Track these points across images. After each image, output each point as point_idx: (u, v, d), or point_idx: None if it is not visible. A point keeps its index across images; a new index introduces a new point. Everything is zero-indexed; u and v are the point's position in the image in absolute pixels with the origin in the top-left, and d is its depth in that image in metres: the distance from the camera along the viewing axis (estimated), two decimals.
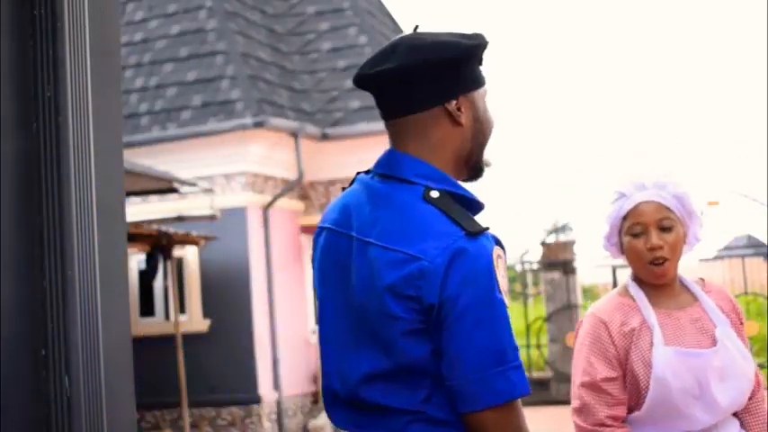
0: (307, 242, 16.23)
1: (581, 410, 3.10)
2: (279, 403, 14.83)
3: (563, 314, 19.66)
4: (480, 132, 2.30)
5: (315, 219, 15.75)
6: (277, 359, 14.81)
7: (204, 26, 15.85)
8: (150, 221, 12.46)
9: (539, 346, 19.51)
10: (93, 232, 1.94)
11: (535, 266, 20.16)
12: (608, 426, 3.06)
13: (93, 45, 1.99)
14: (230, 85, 15.13)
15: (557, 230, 23.07)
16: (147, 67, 15.97)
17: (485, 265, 2.11)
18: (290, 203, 15.54)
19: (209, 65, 15.45)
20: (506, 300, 2.13)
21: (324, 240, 2.34)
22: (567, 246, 20.06)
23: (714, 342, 3.11)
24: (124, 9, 16.91)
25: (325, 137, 15.38)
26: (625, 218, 3.15)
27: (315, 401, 15.78)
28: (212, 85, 15.25)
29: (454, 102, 2.24)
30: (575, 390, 3.13)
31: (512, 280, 36.40)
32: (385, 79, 2.23)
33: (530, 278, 21.70)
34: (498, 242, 2.18)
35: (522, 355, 19.92)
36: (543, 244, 20.35)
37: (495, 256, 2.12)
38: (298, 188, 15.57)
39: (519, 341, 21.53)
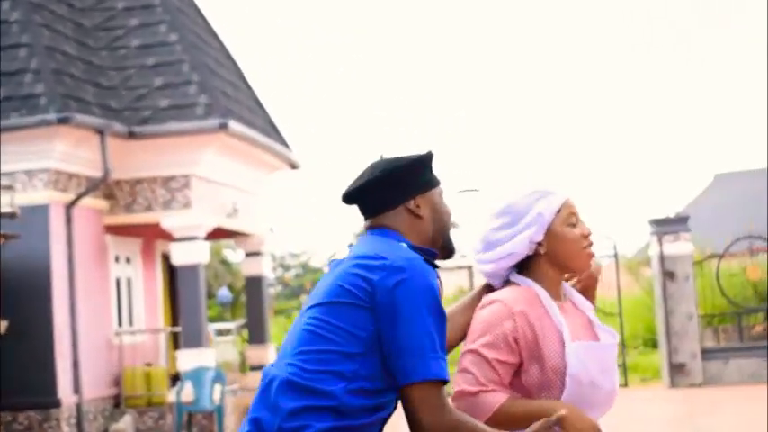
0: (112, 242, 15.91)
1: (463, 374, 3.17)
2: (79, 407, 14.48)
3: None
4: (440, 220, 3.14)
5: (120, 218, 15.46)
6: (78, 361, 14.45)
7: (7, 18, 15.31)
8: None
9: None
10: None
11: None
12: (489, 390, 3.13)
13: None
14: (34, 80, 14.67)
15: None
16: None
17: (431, 280, 2.93)
18: (94, 202, 15.20)
19: (11, 58, 14.94)
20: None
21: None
22: None
23: (597, 334, 3.29)
24: None
25: (132, 135, 15.10)
26: (559, 211, 3.30)
27: (116, 405, 15.49)
28: (15, 78, 14.76)
29: (412, 201, 3.08)
30: (462, 363, 3.19)
31: None
32: (359, 191, 3.10)
33: None
34: (438, 275, 3.00)
35: None
36: (351, 246, 20.48)
37: (438, 283, 2.97)
38: (103, 187, 15.23)
39: None
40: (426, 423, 2.85)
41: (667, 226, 19.54)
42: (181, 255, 15.45)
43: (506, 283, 3.34)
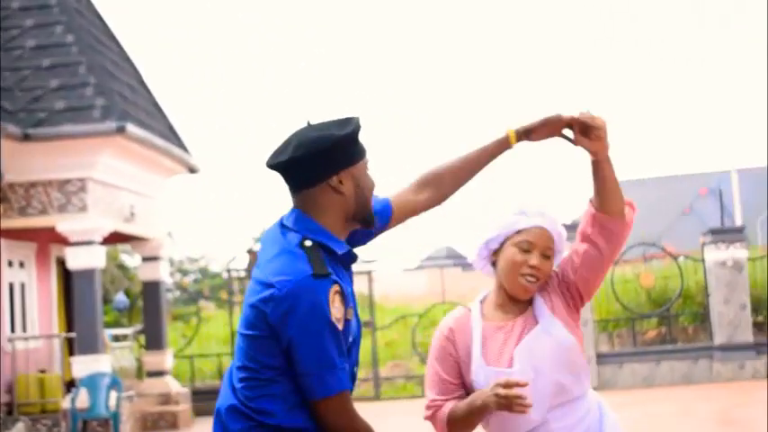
0: (5, 246, 15.57)
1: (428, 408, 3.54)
2: None
3: None
4: (362, 195, 3.16)
5: (14, 222, 15.15)
6: None
7: None
8: None
9: None
10: None
11: (242, 274, 20.14)
12: (438, 406, 3.49)
13: None
14: None
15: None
16: None
17: (319, 297, 2.98)
18: None
19: None
20: (338, 325, 3.02)
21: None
22: None
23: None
24: None
25: (27, 137, 14.80)
26: (519, 232, 3.49)
27: (9, 412, 15.16)
28: None
29: (335, 177, 3.10)
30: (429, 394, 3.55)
31: (218, 288, 36.35)
32: (281, 168, 3.12)
33: (236, 285, 21.68)
34: (340, 284, 3.04)
35: (226, 362, 19.85)
36: (250, 252, 20.39)
37: (332, 292, 3.00)
38: None
39: (224, 348, 21.50)
40: (340, 428, 3.09)
41: (566, 232, 19.81)
42: (76, 259, 15.19)
43: None
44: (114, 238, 16.93)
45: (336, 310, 3.02)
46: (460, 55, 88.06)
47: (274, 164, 3.14)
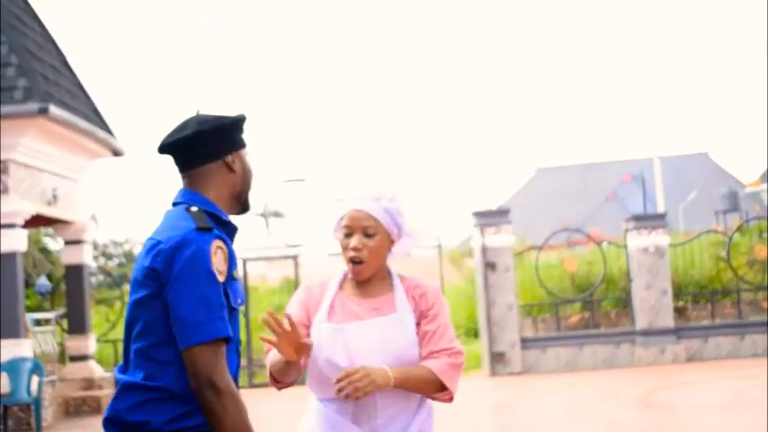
0: None
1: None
2: None
3: None
4: (247, 177, 3.39)
5: None
6: None
7: None
8: None
9: None
10: None
11: None
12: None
13: None
14: None
15: None
16: None
17: (201, 248, 3.11)
18: None
19: None
20: (219, 277, 3.12)
21: None
22: None
23: (369, 318, 3.66)
24: None
25: None
26: (342, 218, 3.73)
27: None
28: None
29: (230, 156, 3.33)
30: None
31: None
32: (183, 143, 3.30)
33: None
34: (223, 239, 3.19)
35: None
36: None
37: (214, 246, 3.14)
38: None
39: None
40: (195, 383, 3.07)
41: (489, 218, 19.97)
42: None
43: None
44: (37, 221, 16.68)
45: (218, 262, 3.13)
46: (425, 61, 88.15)
47: (175, 140, 3.29)
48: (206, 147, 3.30)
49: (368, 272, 3.70)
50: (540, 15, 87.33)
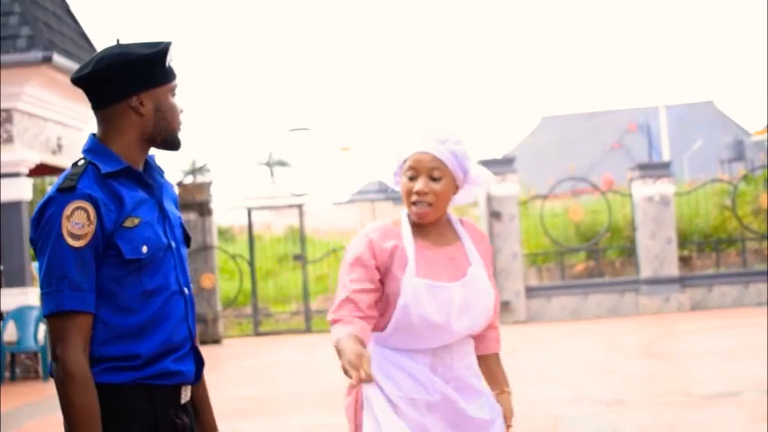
0: None
1: (334, 311, 3.50)
2: None
3: (199, 256, 19.69)
4: (163, 119, 3.08)
5: None
6: None
7: None
8: None
9: None
10: None
11: None
12: (345, 319, 3.45)
13: None
14: None
15: (194, 171, 23.01)
16: None
17: (54, 211, 2.93)
18: None
19: None
20: (72, 242, 2.91)
21: None
22: (204, 187, 20.06)
23: (462, 277, 3.58)
24: None
25: None
26: (405, 160, 3.59)
27: None
28: None
29: (135, 98, 3.03)
30: (335, 300, 3.54)
31: None
32: (83, 83, 3.06)
33: None
34: (89, 197, 2.95)
35: None
36: (180, 185, 20.24)
37: (71, 207, 2.93)
38: None
39: None
40: (53, 354, 2.95)
41: (494, 167, 19.92)
42: (3, 192, 14.97)
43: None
44: (41, 170, 16.68)
45: (74, 226, 2.92)
46: (430, 9, 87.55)
47: (77, 78, 3.07)
48: (109, 86, 3.04)
49: (432, 216, 3.58)
50: None
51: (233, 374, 14.70)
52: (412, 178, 3.55)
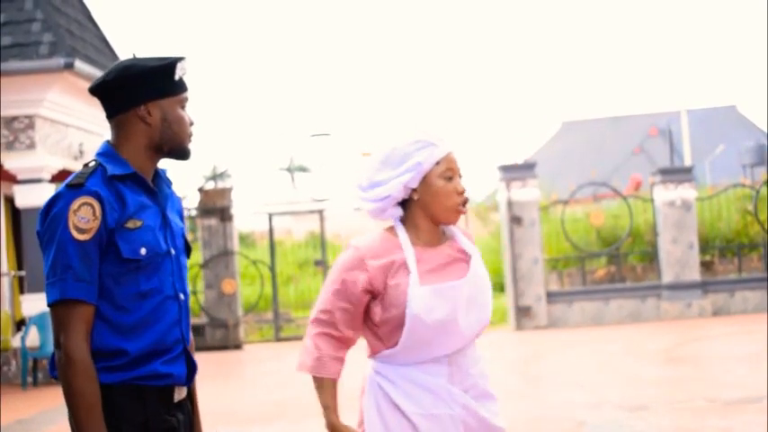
0: None
1: (313, 322, 3.51)
2: None
3: (219, 261, 19.72)
4: (169, 129, 3.22)
5: None
6: None
7: None
8: None
9: (194, 293, 19.43)
10: None
11: (193, 213, 20.04)
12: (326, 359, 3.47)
13: None
14: None
15: (215, 177, 23.05)
16: None
17: (62, 204, 3.07)
18: None
19: None
20: (78, 235, 3.05)
21: None
22: (225, 192, 20.10)
23: (466, 272, 3.51)
24: None
25: None
26: (438, 163, 3.46)
27: None
28: None
29: (143, 107, 3.18)
30: (316, 306, 3.52)
31: None
32: (97, 92, 3.23)
33: (188, 224, 21.60)
34: (96, 194, 3.08)
35: None
36: (201, 190, 20.27)
37: (78, 202, 3.07)
38: None
39: None
40: (56, 342, 3.07)
41: (515, 172, 19.89)
42: (25, 197, 15.04)
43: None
44: (63, 176, 16.75)
45: (80, 220, 3.06)
46: (451, 14, 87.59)
47: (93, 87, 3.25)
48: (119, 95, 3.21)
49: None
50: None
51: (254, 380, 14.72)
52: (450, 179, 3.48)
